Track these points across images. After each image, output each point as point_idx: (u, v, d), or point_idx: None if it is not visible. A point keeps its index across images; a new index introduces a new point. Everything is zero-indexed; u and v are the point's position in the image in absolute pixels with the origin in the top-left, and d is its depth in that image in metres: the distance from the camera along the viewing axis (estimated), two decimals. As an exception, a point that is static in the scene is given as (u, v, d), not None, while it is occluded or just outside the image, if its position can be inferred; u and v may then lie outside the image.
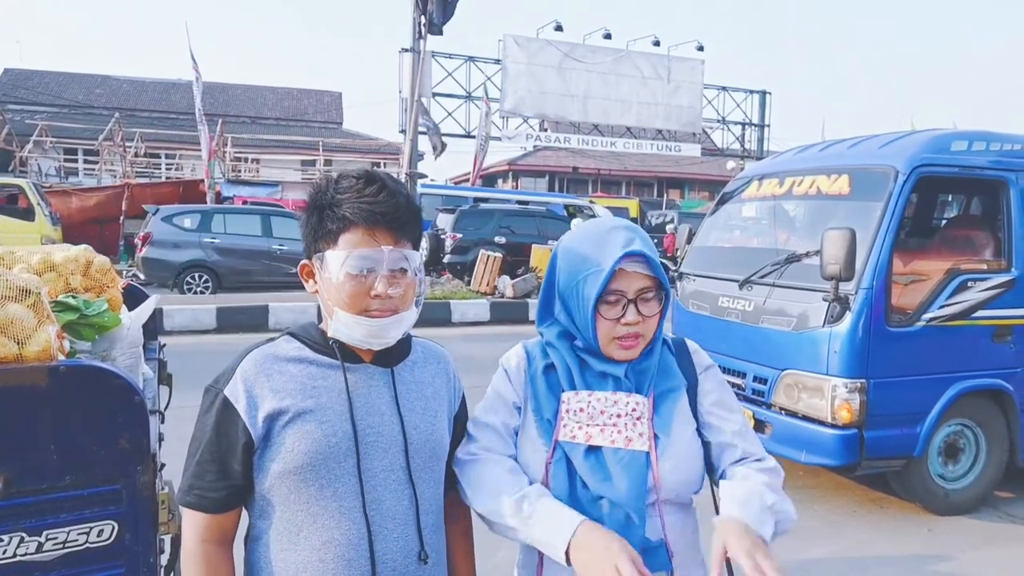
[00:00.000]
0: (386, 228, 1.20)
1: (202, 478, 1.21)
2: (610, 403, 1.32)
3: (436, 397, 1.34)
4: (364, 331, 1.21)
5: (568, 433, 1.32)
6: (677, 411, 1.35)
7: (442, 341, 1.46)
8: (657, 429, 1.32)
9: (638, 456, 1.29)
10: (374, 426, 1.23)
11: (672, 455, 1.31)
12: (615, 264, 1.29)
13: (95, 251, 1.89)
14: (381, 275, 1.19)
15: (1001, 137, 4.40)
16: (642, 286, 1.31)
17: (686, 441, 1.34)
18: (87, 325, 1.61)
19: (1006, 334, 4.24)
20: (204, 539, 1.22)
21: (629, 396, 1.33)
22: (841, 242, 3.72)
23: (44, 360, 1.33)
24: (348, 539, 1.19)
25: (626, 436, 1.30)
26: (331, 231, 1.20)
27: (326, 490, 1.18)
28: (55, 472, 1.34)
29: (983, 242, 4.49)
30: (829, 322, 3.95)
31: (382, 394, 1.26)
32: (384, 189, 1.21)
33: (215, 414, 1.20)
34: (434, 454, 1.30)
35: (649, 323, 1.33)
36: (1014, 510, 4.40)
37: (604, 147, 22.90)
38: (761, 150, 23.45)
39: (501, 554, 3.34)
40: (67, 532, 1.36)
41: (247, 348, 1.27)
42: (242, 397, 1.19)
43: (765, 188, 4.99)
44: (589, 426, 1.31)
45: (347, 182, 1.22)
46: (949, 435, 4.27)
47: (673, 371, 1.39)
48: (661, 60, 21.84)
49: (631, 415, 1.31)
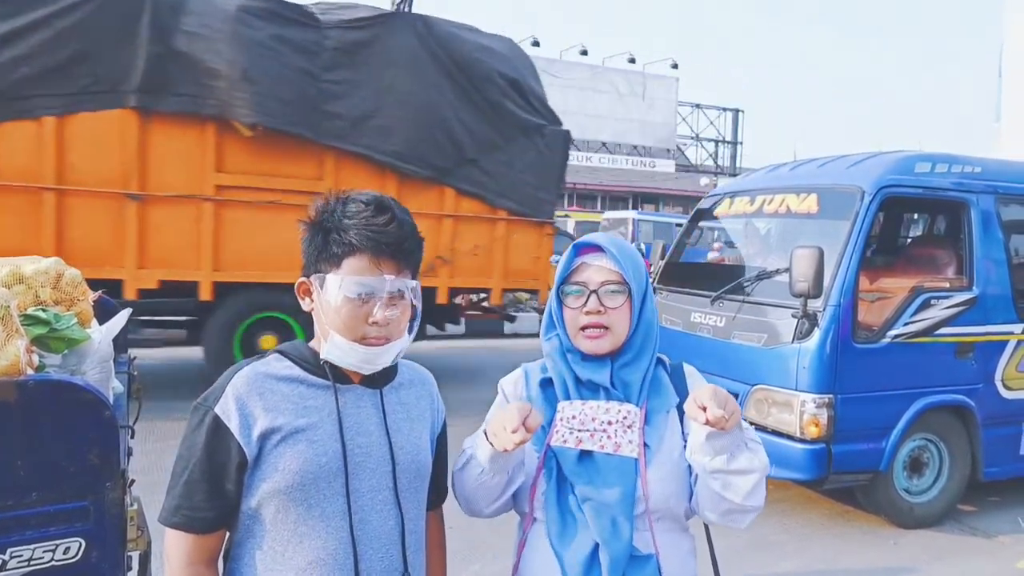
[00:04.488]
0: (390, 258, 1.20)
1: (191, 498, 1.17)
2: (602, 411, 1.35)
3: (420, 419, 1.35)
4: (359, 357, 1.21)
5: (559, 438, 1.35)
6: (668, 426, 1.38)
7: (416, 355, 1.47)
8: (647, 439, 1.35)
9: (627, 462, 1.32)
10: (363, 446, 1.23)
11: (661, 465, 1.34)
12: (572, 254, 1.42)
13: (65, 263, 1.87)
14: (380, 301, 1.19)
15: (963, 160, 4.53)
16: (605, 279, 1.39)
17: (676, 455, 1.36)
18: (57, 339, 1.58)
19: (968, 351, 4.35)
20: (192, 562, 1.18)
21: (621, 405, 1.36)
22: (810, 260, 3.80)
23: (12, 375, 1.31)
24: (334, 558, 1.18)
25: (615, 442, 1.33)
26: (335, 254, 1.20)
27: (314, 510, 1.18)
28: (21, 488, 1.32)
29: (946, 261, 4.61)
30: (798, 338, 4.02)
31: (370, 415, 1.26)
32: (394, 220, 1.21)
33: (205, 432, 1.17)
34: (419, 474, 1.31)
35: (614, 316, 1.38)
36: (977, 523, 4.50)
37: (580, 162, 23.10)
38: (734, 166, 23.86)
39: (474, 568, 3.36)
40: (32, 549, 1.34)
41: (237, 366, 1.25)
42: (235, 415, 1.17)
43: (737, 206, 5.07)
44: (580, 431, 1.34)
45: (355, 207, 1.21)
46: (913, 450, 4.36)
47: (666, 389, 1.42)
48: (637, 77, 22.16)
49: (622, 423, 1.34)
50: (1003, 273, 4.45)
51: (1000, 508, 4.73)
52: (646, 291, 1.42)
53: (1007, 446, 4.55)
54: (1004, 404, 4.49)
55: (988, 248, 4.41)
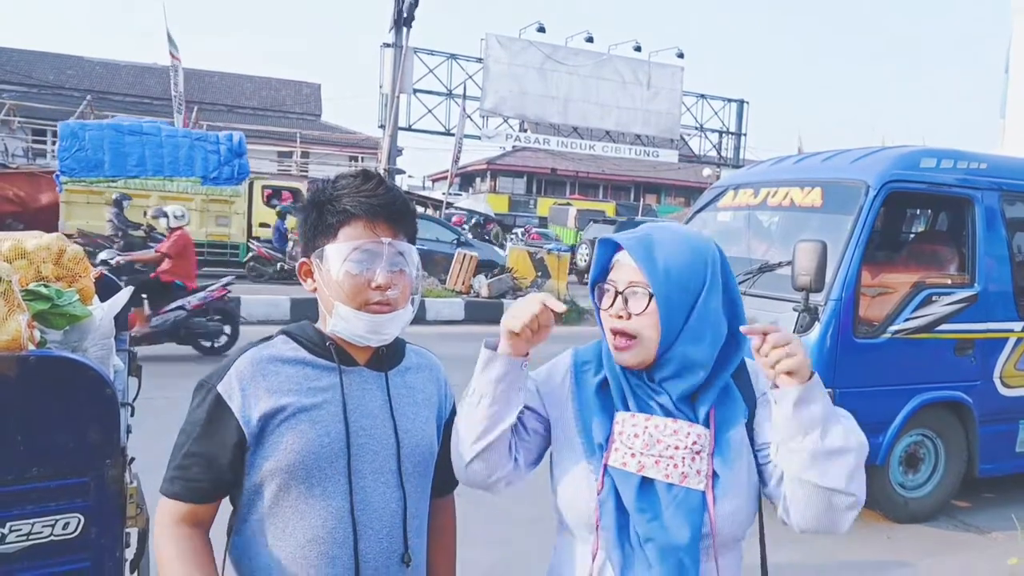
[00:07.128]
0: (385, 221, 1.23)
1: (188, 470, 1.20)
2: (668, 432, 1.19)
3: (427, 403, 1.35)
4: (364, 326, 1.22)
5: (619, 459, 1.20)
6: (738, 443, 1.22)
7: (416, 339, 1.46)
8: (716, 466, 1.19)
9: (693, 495, 1.17)
10: (366, 428, 1.24)
11: (731, 497, 1.19)
12: (601, 249, 1.29)
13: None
14: (380, 265, 1.21)
15: (968, 156, 4.51)
16: (631, 279, 1.22)
17: (745, 479, 1.21)
18: (59, 315, 1.58)
19: (967, 348, 4.36)
20: (179, 523, 1.21)
21: (691, 426, 1.20)
22: (812, 254, 3.78)
23: (14, 349, 1.31)
24: (333, 537, 1.20)
25: (682, 472, 1.17)
26: (331, 225, 1.22)
27: (315, 489, 1.19)
28: (21, 463, 1.33)
29: (948, 257, 4.60)
30: (799, 332, 4.02)
31: (375, 397, 1.27)
32: (382, 184, 1.25)
33: (207, 409, 1.20)
34: (424, 459, 1.31)
35: (639, 322, 1.20)
36: (971, 519, 4.52)
37: (583, 150, 23.02)
38: (737, 158, 23.76)
39: (472, 553, 3.36)
40: (32, 524, 1.34)
41: (242, 347, 1.27)
42: (236, 395, 1.19)
43: (740, 198, 5.06)
44: (643, 455, 1.19)
45: (345, 180, 1.25)
46: (910, 445, 4.37)
47: (733, 398, 1.25)
48: (642, 65, 22.01)
49: (690, 448, 1.18)
50: (1005, 270, 4.44)
51: (994, 504, 4.74)
52: (697, 294, 1.21)
53: (1003, 443, 4.57)
54: (1002, 401, 4.50)
55: (991, 245, 4.40)
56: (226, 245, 14.93)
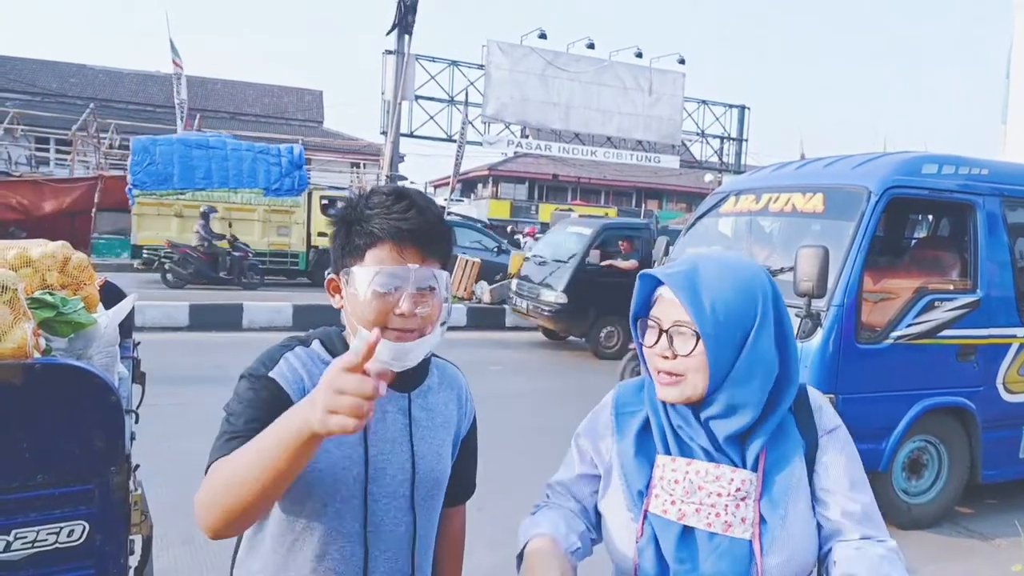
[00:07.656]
0: (413, 245, 1.17)
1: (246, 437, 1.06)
2: (710, 478, 1.12)
3: (445, 425, 1.33)
4: (387, 352, 1.15)
5: (660, 506, 1.14)
6: (791, 486, 1.13)
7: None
8: (764, 512, 1.11)
9: (739, 545, 1.09)
10: (385, 453, 1.23)
11: (781, 547, 1.10)
12: (642, 283, 1.21)
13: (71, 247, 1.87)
14: (406, 293, 1.16)
15: (970, 161, 4.52)
16: (676, 318, 1.14)
17: (799, 525, 1.12)
18: (64, 322, 1.59)
19: (970, 353, 4.35)
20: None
21: (734, 471, 1.12)
22: (814, 259, 3.79)
23: (19, 357, 1.31)
24: (343, 557, 1.19)
25: (725, 520, 1.11)
26: (358, 246, 1.18)
27: (329, 508, 1.18)
28: (26, 471, 1.33)
29: (950, 263, 4.60)
30: (801, 337, 4.02)
31: (396, 421, 1.25)
32: (413, 207, 1.18)
33: (264, 392, 1.14)
34: (436, 484, 1.30)
35: (685, 363, 1.13)
36: (974, 525, 4.50)
37: (584, 156, 23.06)
38: (739, 164, 23.78)
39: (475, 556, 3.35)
40: (36, 531, 1.35)
41: (282, 343, 1.23)
42: (292, 382, 1.16)
43: (742, 204, 5.07)
44: (684, 503, 1.13)
45: (377, 198, 1.19)
46: (913, 451, 4.36)
47: (790, 432, 1.17)
48: (643, 72, 22.06)
49: (734, 495, 1.11)
50: (1007, 276, 4.44)
51: (998, 511, 4.73)
52: (747, 333, 1.13)
53: (1006, 449, 4.56)
54: (1005, 407, 4.49)
55: (993, 251, 4.40)
56: (287, 254, 15.29)
